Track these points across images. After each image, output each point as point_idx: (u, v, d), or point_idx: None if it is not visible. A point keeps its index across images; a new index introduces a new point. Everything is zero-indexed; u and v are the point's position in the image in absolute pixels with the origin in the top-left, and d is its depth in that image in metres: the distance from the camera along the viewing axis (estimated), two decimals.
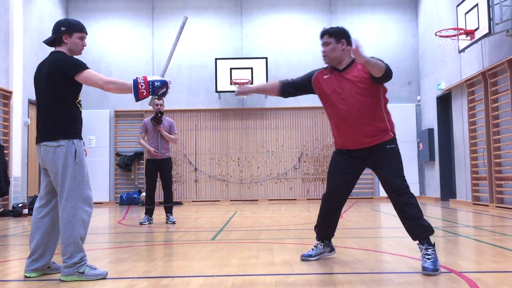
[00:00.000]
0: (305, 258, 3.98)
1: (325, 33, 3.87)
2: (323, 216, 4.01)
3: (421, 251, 3.55)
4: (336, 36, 3.83)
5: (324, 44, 3.86)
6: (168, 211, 7.45)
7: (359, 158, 3.82)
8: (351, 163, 3.85)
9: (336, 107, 3.81)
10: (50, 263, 3.58)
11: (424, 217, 3.61)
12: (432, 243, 3.56)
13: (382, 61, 3.63)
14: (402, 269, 3.64)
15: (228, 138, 13.48)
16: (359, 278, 3.30)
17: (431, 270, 3.37)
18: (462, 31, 9.49)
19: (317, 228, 4.07)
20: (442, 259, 3.88)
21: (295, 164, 13.37)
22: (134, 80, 3.40)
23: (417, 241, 3.61)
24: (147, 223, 7.32)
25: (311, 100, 13.39)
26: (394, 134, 3.81)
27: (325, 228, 4.03)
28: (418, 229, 3.57)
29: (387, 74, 3.62)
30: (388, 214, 8.62)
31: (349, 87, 3.75)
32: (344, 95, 3.76)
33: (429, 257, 3.46)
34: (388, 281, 3.23)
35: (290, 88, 4.09)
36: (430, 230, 3.58)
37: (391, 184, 3.66)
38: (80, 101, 3.59)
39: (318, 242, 4.05)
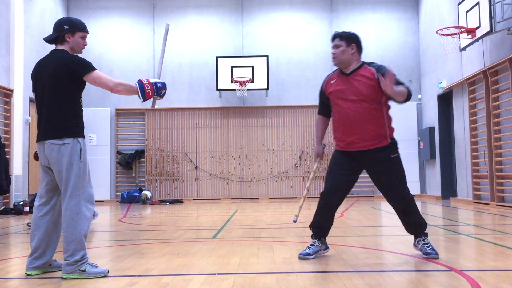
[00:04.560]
0: (303, 256, 3.97)
1: (337, 36, 4.02)
2: (321, 213, 4.04)
3: (419, 242, 3.98)
4: (347, 40, 3.97)
5: (335, 47, 3.99)
6: None
7: (358, 160, 3.95)
8: (350, 165, 3.97)
9: (338, 109, 3.97)
10: (52, 261, 3.59)
11: (421, 214, 4.05)
12: (426, 232, 4.02)
13: (404, 84, 3.84)
14: (403, 267, 3.64)
15: (229, 136, 13.48)
16: (360, 276, 3.30)
17: (435, 254, 3.84)
18: (463, 29, 9.48)
19: (314, 226, 4.09)
20: (443, 257, 3.90)
21: (296, 162, 13.37)
22: (139, 82, 3.51)
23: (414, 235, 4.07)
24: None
25: (312, 98, 13.42)
26: (393, 139, 3.94)
27: (322, 225, 4.06)
28: (416, 229, 4.02)
29: (409, 98, 3.81)
30: (388, 212, 8.62)
31: (353, 91, 3.89)
32: (347, 98, 3.91)
33: (428, 244, 3.94)
34: (389, 279, 3.23)
35: (325, 110, 4.18)
36: (425, 226, 4.01)
37: (395, 194, 3.92)
38: (81, 100, 3.61)
39: (315, 240, 4.06)
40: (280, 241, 5.06)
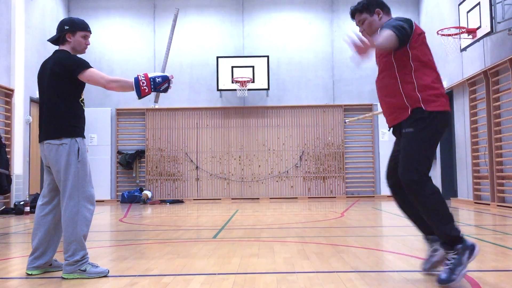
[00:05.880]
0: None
1: (356, 11, 3.45)
2: (400, 208, 3.47)
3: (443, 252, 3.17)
4: (368, 9, 3.40)
5: (359, 23, 3.46)
6: None
7: (399, 137, 3.39)
8: (396, 145, 3.42)
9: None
10: (52, 261, 3.59)
11: (447, 219, 3.16)
12: (455, 247, 3.06)
13: (388, 29, 3.13)
14: (403, 267, 3.64)
15: (230, 136, 13.48)
16: (360, 276, 3.30)
17: (442, 280, 2.97)
18: (464, 29, 9.48)
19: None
20: None
21: (296, 162, 13.37)
22: (135, 78, 3.42)
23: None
24: None
25: (312, 98, 13.44)
26: (416, 110, 3.15)
27: (414, 221, 3.43)
28: (435, 230, 3.18)
29: (402, 41, 3.12)
30: (389, 212, 8.62)
31: (378, 60, 3.44)
32: (379, 69, 3.44)
33: (447, 262, 3.05)
34: (389, 279, 3.23)
35: None
36: (447, 237, 3.09)
37: (401, 178, 3.17)
38: (83, 99, 3.62)
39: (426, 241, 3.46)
40: (280, 241, 5.06)
